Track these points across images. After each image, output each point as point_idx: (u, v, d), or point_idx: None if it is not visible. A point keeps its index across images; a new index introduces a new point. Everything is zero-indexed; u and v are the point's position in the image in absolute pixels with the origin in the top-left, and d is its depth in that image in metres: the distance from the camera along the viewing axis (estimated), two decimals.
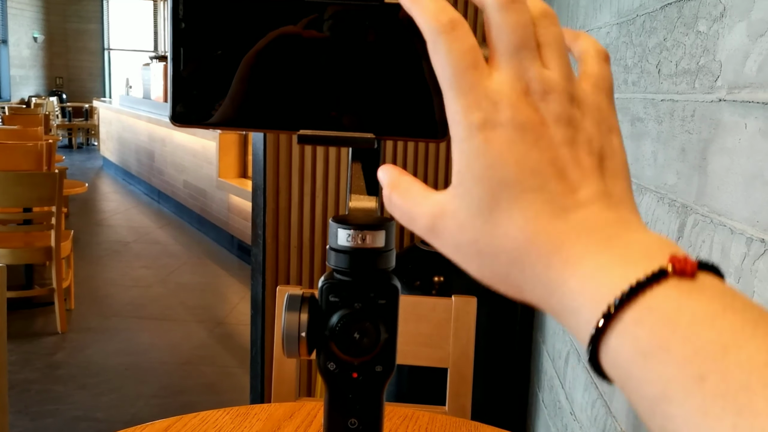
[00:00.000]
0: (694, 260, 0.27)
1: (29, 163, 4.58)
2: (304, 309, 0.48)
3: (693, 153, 0.95)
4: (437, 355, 1.19)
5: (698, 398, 0.23)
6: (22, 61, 13.36)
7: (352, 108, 0.45)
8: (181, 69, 0.45)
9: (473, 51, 0.32)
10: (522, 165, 0.30)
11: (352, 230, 0.48)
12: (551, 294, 0.29)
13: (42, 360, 3.39)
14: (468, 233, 0.32)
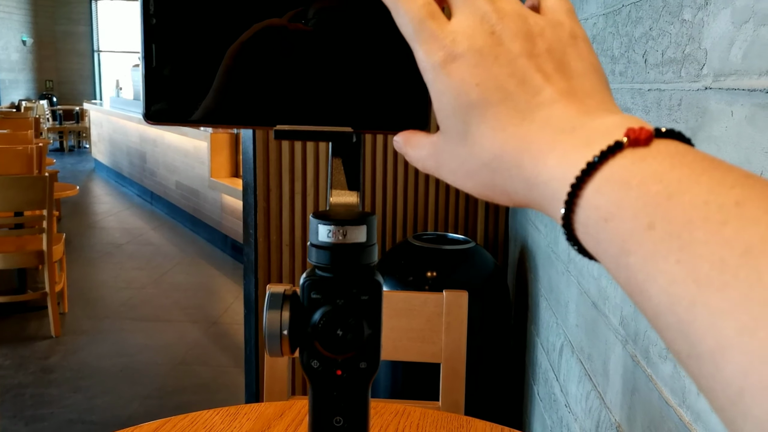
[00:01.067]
0: (650, 128, 0.28)
1: (20, 167, 4.56)
2: (285, 307, 0.48)
3: None
4: (430, 351, 1.19)
5: (649, 244, 0.25)
6: (11, 65, 13.29)
7: (329, 102, 0.45)
8: (153, 66, 0.44)
9: (429, 5, 0.34)
10: (484, 84, 0.32)
11: (332, 226, 0.47)
12: (530, 189, 0.31)
13: (36, 364, 3.38)
14: (456, 159, 0.35)
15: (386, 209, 2.42)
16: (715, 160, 0.26)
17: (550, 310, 1.86)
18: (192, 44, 0.44)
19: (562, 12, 0.36)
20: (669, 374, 0.97)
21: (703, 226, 0.24)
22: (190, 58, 0.44)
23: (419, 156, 0.39)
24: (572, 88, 0.32)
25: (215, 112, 0.45)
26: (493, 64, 0.32)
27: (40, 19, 13.98)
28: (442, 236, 2.30)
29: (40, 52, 14.08)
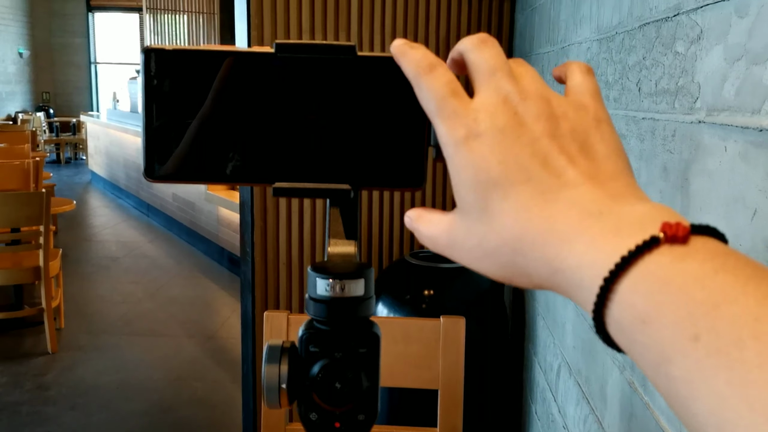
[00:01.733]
0: (687, 225, 0.27)
1: (16, 181, 4.56)
2: (284, 360, 0.48)
3: (675, 173, 0.96)
4: (427, 377, 1.19)
5: (693, 357, 0.24)
6: (8, 77, 13.29)
7: (328, 159, 0.45)
8: (154, 125, 0.45)
9: (452, 83, 0.35)
10: (506, 163, 0.32)
11: (330, 279, 0.47)
12: (554, 273, 0.30)
13: (32, 381, 3.37)
14: (473, 237, 0.34)
15: (383, 226, 2.43)
16: (757, 266, 0.26)
17: (547, 330, 1.86)
18: (192, 104, 0.44)
19: (587, 94, 0.36)
20: (665, 403, 0.97)
21: (754, 347, 0.23)
22: (189, 117, 0.45)
23: (431, 233, 0.38)
24: (596, 170, 0.32)
25: (215, 171, 0.45)
26: (515, 144, 0.32)
27: (36, 31, 13.99)
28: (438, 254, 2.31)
29: (37, 64, 14.09)
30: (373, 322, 0.49)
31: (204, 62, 0.44)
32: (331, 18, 2.30)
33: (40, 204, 3.53)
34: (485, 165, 0.32)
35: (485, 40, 0.35)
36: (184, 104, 0.44)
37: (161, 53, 0.44)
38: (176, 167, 0.45)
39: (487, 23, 2.40)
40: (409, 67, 0.37)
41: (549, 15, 1.83)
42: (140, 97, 0.45)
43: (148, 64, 0.44)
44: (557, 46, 1.73)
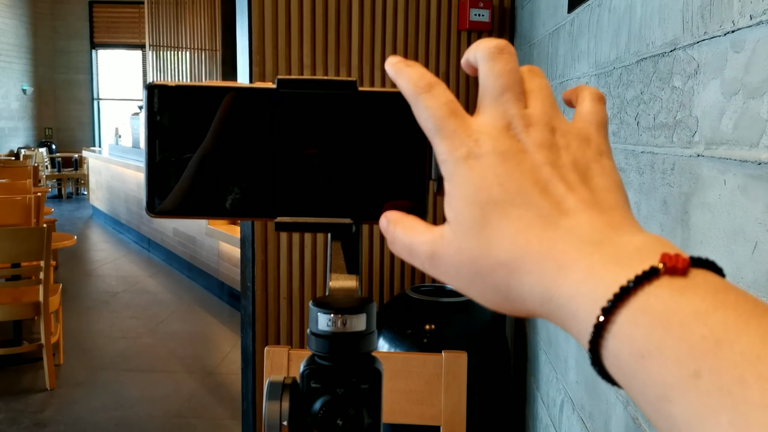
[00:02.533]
0: (686, 257, 0.27)
1: (18, 216, 4.57)
2: (285, 397, 0.48)
3: (675, 206, 0.96)
4: (429, 413, 1.18)
5: (695, 396, 0.23)
6: (11, 113, 13.40)
7: (329, 194, 0.46)
8: (157, 161, 0.45)
9: (451, 103, 0.34)
10: (506, 185, 0.32)
11: (332, 314, 0.47)
12: (549, 300, 0.30)
13: (30, 418, 3.33)
14: (465, 254, 0.33)
15: (384, 261, 2.42)
16: (757, 303, 0.25)
17: (549, 364, 1.85)
18: (194, 140, 0.45)
19: (594, 124, 0.35)
20: None
21: (757, 386, 0.22)
22: (192, 154, 0.45)
23: (410, 241, 0.37)
24: (596, 200, 0.32)
25: (217, 206, 0.45)
26: (515, 169, 0.32)
27: (40, 68, 14.15)
28: (439, 288, 2.30)
29: (40, 100, 14.22)
30: (375, 358, 0.49)
31: (206, 98, 0.44)
32: (332, 54, 2.33)
33: (40, 239, 3.53)
34: (485, 184, 0.32)
35: (502, 50, 0.34)
36: (187, 140, 0.45)
37: (164, 89, 0.44)
38: (178, 202, 0.45)
39: None
40: (406, 86, 0.36)
41: (547, 51, 1.86)
42: (143, 132, 0.45)
43: (152, 100, 0.45)
44: (555, 81, 1.74)
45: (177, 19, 10.00)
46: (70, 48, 14.18)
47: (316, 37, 2.30)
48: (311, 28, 2.30)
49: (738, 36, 0.77)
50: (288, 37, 2.28)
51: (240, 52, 2.32)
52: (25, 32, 13.80)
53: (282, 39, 2.27)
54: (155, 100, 0.45)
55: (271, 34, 2.26)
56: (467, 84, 2.44)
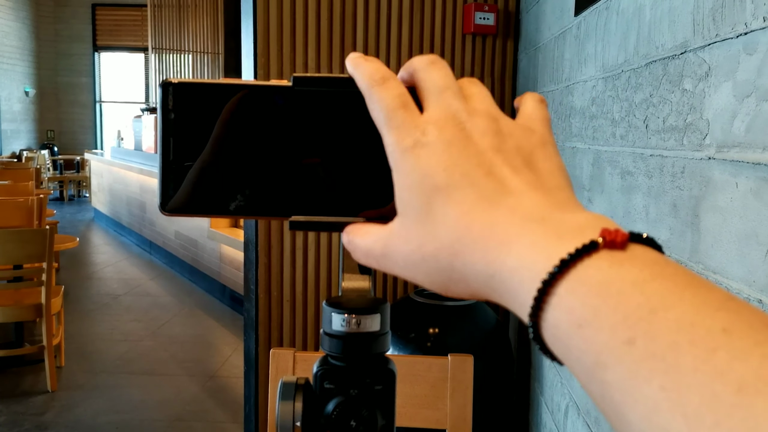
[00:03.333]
0: (625, 232, 0.27)
1: (20, 218, 4.56)
2: (298, 397, 0.47)
3: (685, 209, 0.95)
4: (434, 417, 1.17)
5: (628, 362, 0.23)
6: (14, 116, 13.42)
7: (343, 193, 0.45)
8: (171, 159, 0.45)
9: (402, 96, 0.35)
10: (451, 170, 0.32)
11: (346, 314, 0.47)
12: (491, 276, 0.30)
13: (31, 420, 3.32)
14: (412, 241, 0.34)
15: None
16: (694, 276, 0.26)
17: (553, 369, 1.84)
18: (209, 138, 0.44)
19: (537, 120, 0.36)
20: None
21: (690, 351, 0.22)
22: (206, 152, 0.45)
23: (366, 243, 0.38)
24: (540, 182, 0.32)
25: (231, 205, 0.45)
26: (461, 154, 0.33)
27: (42, 71, 14.18)
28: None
29: (42, 103, 14.24)
30: (389, 359, 0.49)
31: (221, 96, 0.44)
32: (337, 57, 2.32)
33: (42, 241, 3.53)
34: (430, 171, 0.33)
35: (435, 61, 0.36)
36: (202, 137, 0.44)
37: (179, 87, 0.44)
38: (192, 201, 0.45)
39: (491, 63, 2.43)
40: (362, 79, 0.37)
41: (553, 54, 1.85)
42: (158, 130, 0.45)
43: (166, 98, 0.44)
44: (561, 85, 1.74)
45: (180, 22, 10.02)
46: (72, 51, 14.21)
47: (321, 40, 2.30)
48: (316, 30, 2.29)
49: (751, 38, 0.77)
50: (293, 39, 2.28)
51: (245, 55, 2.31)
52: (28, 35, 13.83)
53: (287, 42, 2.27)
54: (169, 97, 0.44)
55: (276, 36, 2.26)
56: None
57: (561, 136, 1.74)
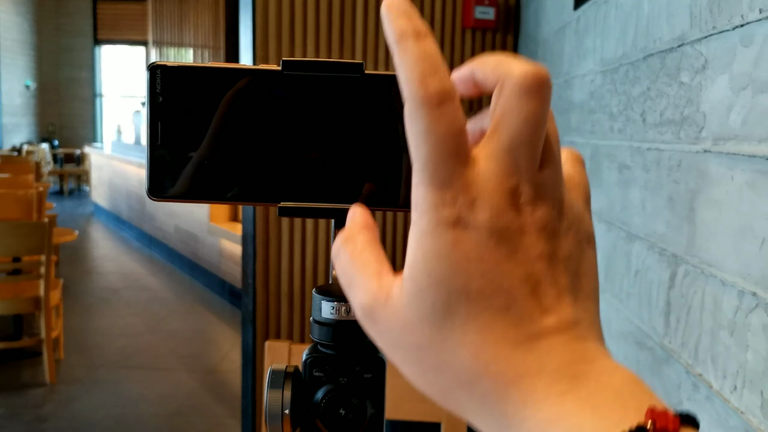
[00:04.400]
0: (675, 415, 0.24)
1: (19, 211, 4.56)
2: (287, 385, 0.47)
3: (681, 203, 0.95)
4: (429, 409, 1.17)
5: None
6: (14, 109, 13.41)
7: (334, 179, 0.45)
8: (159, 143, 0.44)
9: (459, 136, 0.26)
10: (490, 278, 0.26)
11: (335, 302, 0.47)
12: (507, 427, 0.26)
13: (30, 413, 3.32)
14: (412, 336, 0.28)
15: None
16: None
17: None
18: (197, 122, 0.44)
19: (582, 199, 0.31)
20: None
21: None
22: (195, 137, 0.44)
23: (352, 277, 0.31)
24: (577, 318, 0.28)
25: (220, 190, 0.45)
26: (508, 258, 0.26)
27: (43, 65, 14.17)
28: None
29: (43, 97, 14.23)
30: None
31: (209, 79, 0.44)
32: (336, 51, 2.32)
33: (42, 234, 3.53)
34: (466, 270, 0.26)
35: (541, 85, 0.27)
36: (190, 121, 0.44)
37: (167, 70, 0.44)
38: (181, 186, 0.45)
39: None
40: (408, 80, 0.27)
41: (552, 49, 1.85)
42: (145, 114, 0.45)
43: (154, 81, 0.44)
44: (560, 79, 1.74)
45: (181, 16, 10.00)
46: (73, 45, 14.19)
47: (320, 34, 2.29)
48: (315, 25, 2.29)
49: (747, 30, 0.76)
50: (291, 33, 2.27)
51: (243, 49, 2.31)
52: (28, 28, 13.82)
53: (285, 36, 2.26)
54: (157, 80, 0.44)
55: (274, 31, 2.25)
56: None
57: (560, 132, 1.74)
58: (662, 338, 1.01)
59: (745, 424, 0.75)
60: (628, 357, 1.16)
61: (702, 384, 0.86)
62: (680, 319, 0.94)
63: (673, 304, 0.97)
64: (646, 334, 1.08)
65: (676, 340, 0.95)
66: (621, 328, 1.20)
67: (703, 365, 0.86)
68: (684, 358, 0.92)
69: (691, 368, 0.90)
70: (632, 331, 1.14)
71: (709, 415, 0.83)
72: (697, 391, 0.88)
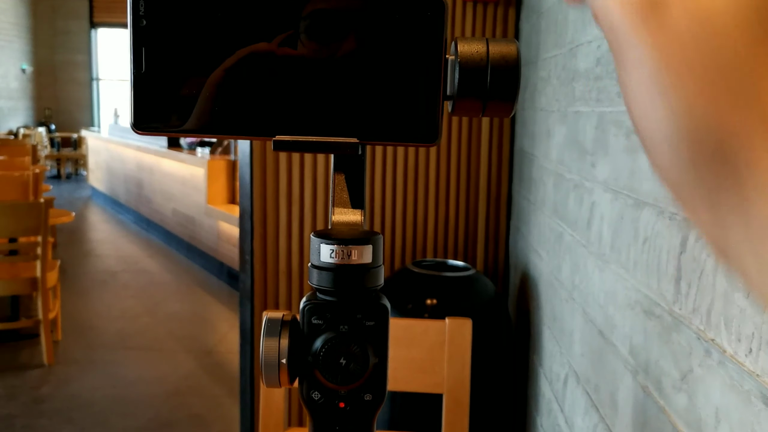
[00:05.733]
0: None
1: (15, 193, 4.53)
2: (284, 334, 0.44)
3: None
4: (431, 381, 1.15)
5: None
6: (10, 93, 13.32)
7: (333, 110, 0.41)
8: (143, 71, 0.41)
9: None
10: None
11: (336, 245, 0.43)
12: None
13: (27, 394, 3.30)
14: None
15: (384, 234, 2.39)
16: None
17: (553, 340, 1.81)
18: (185, 48, 0.41)
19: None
20: (683, 406, 0.93)
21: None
22: (183, 63, 0.41)
23: None
24: None
25: (210, 122, 0.41)
26: None
27: (39, 49, 14.05)
28: (441, 263, 2.27)
29: (40, 80, 14.13)
30: (382, 294, 0.45)
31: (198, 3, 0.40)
32: None
33: (38, 215, 3.49)
34: None
35: None
36: (176, 47, 0.41)
37: None
38: (168, 118, 0.41)
39: (491, 31, 2.38)
40: None
41: (556, 18, 1.81)
42: (128, 40, 0.41)
43: (137, 3, 0.40)
44: (565, 48, 1.70)
45: None
46: (69, 28, 14.07)
47: None
48: None
49: None
50: None
51: None
52: (24, 11, 13.70)
53: None
54: (140, 2, 0.41)
55: None
56: None
57: (564, 102, 1.70)
58: (672, 305, 0.98)
59: (760, 386, 0.72)
60: (635, 327, 1.13)
61: (714, 349, 0.83)
62: (692, 284, 0.91)
63: (684, 269, 0.94)
64: (654, 302, 1.05)
65: (687, 306, 0.92)
66: (628, 297, 1.17)
67: (716, 330, 0.83)
68: (695, 324, 0.89)
69: (702, 333, 0.87)
70: (639, 299, 1.12)
71: (722, 380, 0.81)
72: (709, 357, 0.85)
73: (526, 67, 2.22)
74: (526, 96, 2.24)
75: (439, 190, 2.42)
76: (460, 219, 2.44)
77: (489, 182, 2.44)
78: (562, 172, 1.70)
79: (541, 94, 2.01)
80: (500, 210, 2.47)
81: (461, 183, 2.43)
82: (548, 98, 1.90)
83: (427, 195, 2.42)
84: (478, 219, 2.46)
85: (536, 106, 2.08)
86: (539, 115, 2.03)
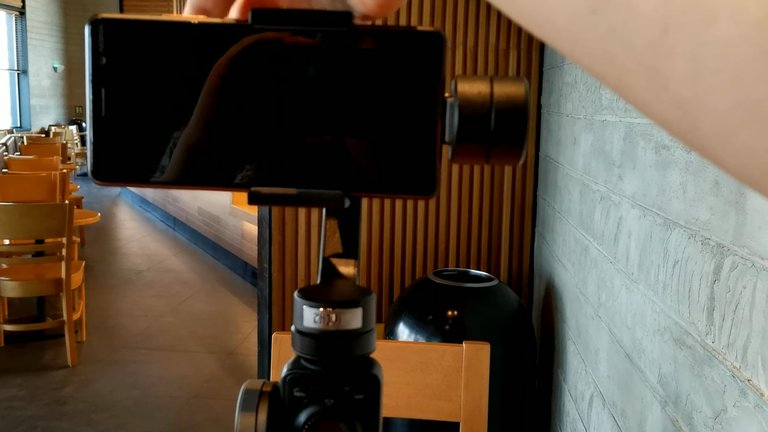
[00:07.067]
0: None
1: (42, 193, 4.56)
2: (262, 408, 0.39)
3: (728, 187, 0.85)
4: (447, 408, 1.09)
5: None
6: (42, 91, 13.51)
7: (315, 159, 0.36)
8: (103, 115, 0.36)
9: None
10: None
11: (320, 308, 0.38)
12: None
13: (50, 395, 3.32)
14: None
15: (405, 243, 2.33)
16: None
17: (578, 356, 1.75)
18: (150, 90, 0.36)
19: None
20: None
21: None
22: (148, 107, 0.36)
23: None
24: None
25: (177, 172, 0.36)
26: None
27: (70, 47, 14.24)
28: (464, 273, 2.21)
29: (71, 79, 14.33)
30: (374, 362, 0.40)
31: (164, 36, 0.35)
32: None
33: (63, 216, 3.51)
34: None
35: None
36: (141, 88, 0.36)
37: (111, 24, 0.36)
38: (131, 167, 0.37)
39: (517, 35, 2.31)
40: None
41: None
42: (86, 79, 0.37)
43: (96, 39, 0.36)
44: None
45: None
46: None
47: None
48: None
49: None
50: None
51: None
52: (56, 10, 13.89)
53: None
54: (100, 37, 0.36)
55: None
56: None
57: (590, 109, 1.63)
58: (704, 336, 0.91)
59: None
60: (664, 354, 1.07)
61: (751, 390, 0.77)
62: (726, 317, 0.84)
63: (717, 300, 0.87)
64: (685, 331, 0.98)
65: (720, 339, 0.86)
66: (657, 322, 1.11)
67: (752, 369, 0.77)
68: (730, 360, 0.83)
69: (738, 372, 0.80)
70: (669, 326, 1.05)
71: (760, 426, 0.74)
72: (744, 398, 0.78)
73: (551, 71, 2.16)
74: (551, 101, 2.17)
75: (462, 196, 2.36)
76: (483, 227, 2.38)
77: (513, 188, 2.38)
78: (588, 183, 1.63)
79: (567, 100, 1.94)
80: (525, 217, 2.40)
81: (485, 188, 2.37)
82: (574, 104, 1.83)
83: (450, 201, 2.36)
84: (501, 227, 2.39)
85: (562, 111, 2.01)
86: (565, 121, 1.96)
